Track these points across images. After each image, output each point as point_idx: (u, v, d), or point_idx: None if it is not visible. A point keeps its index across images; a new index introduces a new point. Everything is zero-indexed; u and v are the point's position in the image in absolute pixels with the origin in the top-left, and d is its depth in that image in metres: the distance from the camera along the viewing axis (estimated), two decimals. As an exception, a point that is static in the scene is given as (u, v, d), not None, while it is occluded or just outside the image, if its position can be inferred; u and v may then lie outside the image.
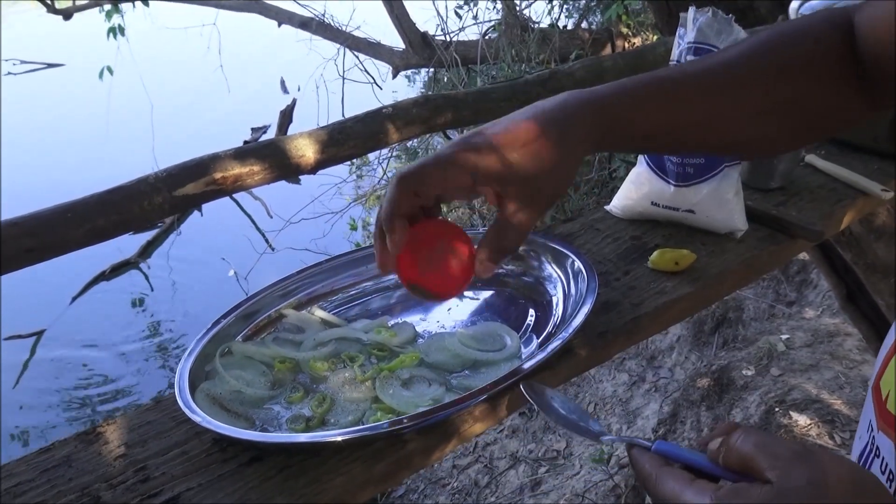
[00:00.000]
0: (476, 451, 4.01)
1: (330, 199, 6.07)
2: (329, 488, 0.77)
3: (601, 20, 6.20)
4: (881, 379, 0.72)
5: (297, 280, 1.05)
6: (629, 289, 1.07)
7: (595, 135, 0.77)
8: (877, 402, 0.72)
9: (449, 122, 1.25)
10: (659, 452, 0.59)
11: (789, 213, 1.23)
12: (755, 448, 0.53)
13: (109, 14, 6.29)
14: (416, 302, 1.07)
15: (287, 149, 1.10)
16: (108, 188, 1.01)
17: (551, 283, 1.05)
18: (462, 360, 0.94)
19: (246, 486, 0.78)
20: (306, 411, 0.87)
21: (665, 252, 1.11)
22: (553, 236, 1.12)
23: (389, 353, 0.96)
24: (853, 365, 3.47)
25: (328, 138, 1.13)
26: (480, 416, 0.86)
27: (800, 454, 0.52)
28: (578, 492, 3.47)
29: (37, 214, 0.95)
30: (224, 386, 0.89)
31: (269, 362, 0.94)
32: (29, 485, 0.79)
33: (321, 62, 6.28)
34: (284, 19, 6.64)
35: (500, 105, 1.31)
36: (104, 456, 0.82)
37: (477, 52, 5.72)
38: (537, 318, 1.01)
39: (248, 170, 1.07)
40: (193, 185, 1.03)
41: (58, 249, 0.96)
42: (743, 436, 0.55)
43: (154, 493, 0.77)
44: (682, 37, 1.17)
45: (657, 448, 0.59)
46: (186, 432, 0.85)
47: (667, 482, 0.56)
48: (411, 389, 0.89)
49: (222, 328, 0.96)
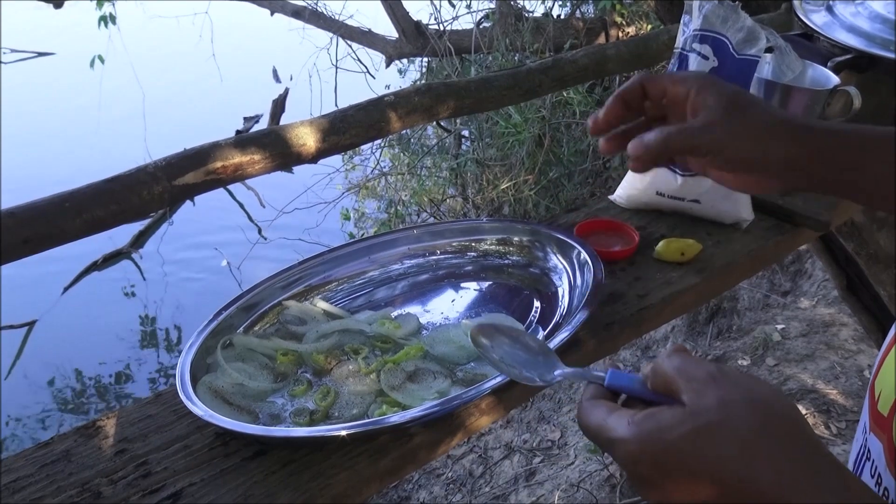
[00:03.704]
0: (471, 441, 4.01)
1: (323, 188, 6.04)
2: (334, 483, 0.76)
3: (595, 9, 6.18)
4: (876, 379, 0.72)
5: (298, 271, 1.04)
6: (635, 279, 1.06)
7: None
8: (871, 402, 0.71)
9: (451, 111, 1.24)
10: (612, 387, 0.59)
11: (795, 202, 1.22)
12: (674, 371, 0.54)
13: (100, 3, 6.24)
14: (420, 293, 1.06)
15: (288, 137, 1.08)
16: (105, 177, 0.99)
17: (556, 274, 1.04)
18: (467, 351, 0.92)
19: (249, 480, 0.76)
20: (310, 405, 0.86)
21: (671, 242, 1.10)
22: (558, 226, 1.11)
23: (393, 345, 0.95)
24: (848, 355, 3.48)
25: (330, 126, 1.12)
26: (487, 408, 0.85)
27: (714, 375, 0.53)
28: (573, 482, 3.47)
29: (33, 204, 0.93)
30: (226, 379, 0.87)
31: (272, 354, 0.93)
32: (28, 480, 0.77)
33: (314, 51, 6.24)
34: (277, 8, 6.60)
35: (502, 93, 1.30)
36: (104, 451, 0.81)
37: (471, 41, 5.70)
38: (542, 310, 1.00)
39: (248, 158, 1.05)
40: (193, 174, 1.01)
41: (55, 240, 0.94)
42: (666, 360, 0.56)
43: (155, 489, 0.76)
44: (686, 24, 1.15)
45: (610, 381, 0.60)
46: (188, 426, 0.83)
47: (592, 412, 0.57)
48: (417, 382, 0.88)
49: (223, 320, 0.94)
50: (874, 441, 0.70)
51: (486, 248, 1.10)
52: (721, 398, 0.52)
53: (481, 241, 1.11)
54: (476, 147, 5.95)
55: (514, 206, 5.39)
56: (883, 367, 0.71)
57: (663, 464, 0.52)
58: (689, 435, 0.51)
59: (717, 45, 1.11)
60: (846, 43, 1.37)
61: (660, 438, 0.52)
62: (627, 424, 0.53)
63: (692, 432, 0.51)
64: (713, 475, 0.50)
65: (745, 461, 0.50)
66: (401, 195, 6.32)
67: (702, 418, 0.51)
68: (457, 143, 6.21)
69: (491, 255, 1.10)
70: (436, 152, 6.27)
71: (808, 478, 0.50)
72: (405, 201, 6.23)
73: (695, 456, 0.51)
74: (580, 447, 3.69)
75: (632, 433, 0.53)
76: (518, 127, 5.13)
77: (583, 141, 5.43)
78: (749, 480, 0.50)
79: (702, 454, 0.50)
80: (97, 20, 6.25)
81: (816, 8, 1.47)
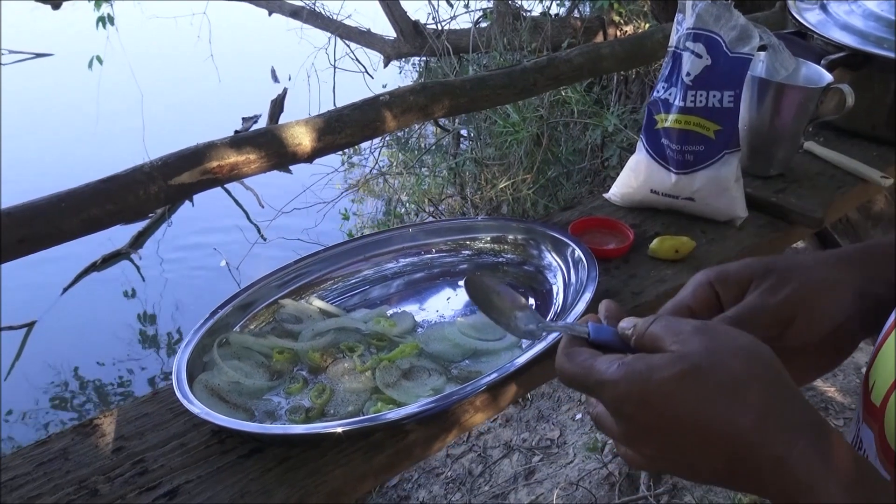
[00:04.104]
0: (470, 440, 4.01)
1: (322, 188, 6.04)
2: (329, 479, 0.77)
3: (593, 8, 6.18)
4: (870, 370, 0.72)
5: (294, 270, 1.04)
6: (629, 277, 1.07)
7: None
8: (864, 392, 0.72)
9: (446, 110, 1.24)
10: (596, 341, 0.60)
11: (789, 200, 1.23)
12: (663, 329, 0.56)
13: (98, 3, 6.23)
14: (416, 291, 1.06)
15: (283, 137, 1.09)
16: (102, 177, 0.99)
17: (551, 272, 1.05)
18: (462, 349, 0.93)
19: (245, 478, 0.77)
20: (306, 402, 0.87)
21: (665, 240, 1.10)
22: (553, 225, 1.11)
23: (389, 342, 0.95)
24: (846, 352, 3.48)
25: (325, 126, 1.12)
26: (482, 406, 0.86)
27: (700, 328, 0.56)
28: (572, 480, 3.47)
29: (30, 204, 0.94)
30: (222, 377, 0.88)
31: (268, 353, 0.93)
32: (25, 478, 0.78)
33: (312, 51, 6.24)
34: (275, 8, 6.60)
35: (497, 92, 1.30)
36: (101, 448, 0.81)
37: (469, 40, 5.70)
38: (537, 307, 1.01)
39: (244, 158, 1.05)
40: (189, 173, 1.01)
41: (52, 239, 0.94)
42: (654, 322, 0.58)
43: (152, 486, 0.76)
44: (680, 23, 1.16)
45: (595, 335, 0.60)
46: (185, 424, 0.84)
47: (575, 357, 0.58)
48: (412, 380, 0.89)
49: (219, 318, 0.95)
50: (866, 431, 0.70)
51: (480, 246, 1.11)
52: (707, 345, 0.54)
53: (476, 239, 1.11)
54: (474, 146, 5.95)
55: (512, 205, 5.38)
56: (877, 359, 0.72)
57: (649, 403, 0.53)
58: (676, 376, 0.53)
59: (711, 43, 1.11)
60: (840, 41, 1.37)
61: (648, 378, 0.53)
62: (617, 366, 0.55)
63: (679, 373, 0.53)
64: (696, 417, 0.52)
65: (728, 404, 0.52)
66: (399, 195, 6.32)
67: (688, 361, 0.53)
68: (455, 142, 6.21)
69: (486, 254, 1.11)
70: (434, 151, 6.27)
71: (789, 425, 0.52)
72: (403, 201, 6.23)
73: (681, 396, 0.53)
74: (579, 446, 3.70)
75: (621, 373, 0.54)
76: (516, 126, 5.13)
77: (581, 140, 5.44)
78: (731, 423, 0.52)
79: (687, 395, 0.53)
80: (95, 21, 6.25)
81: (810, 6, 1.48)
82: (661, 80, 1.18)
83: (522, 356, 0.85)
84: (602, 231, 1.16)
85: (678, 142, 1.15)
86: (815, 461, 0.51)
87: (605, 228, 1.16)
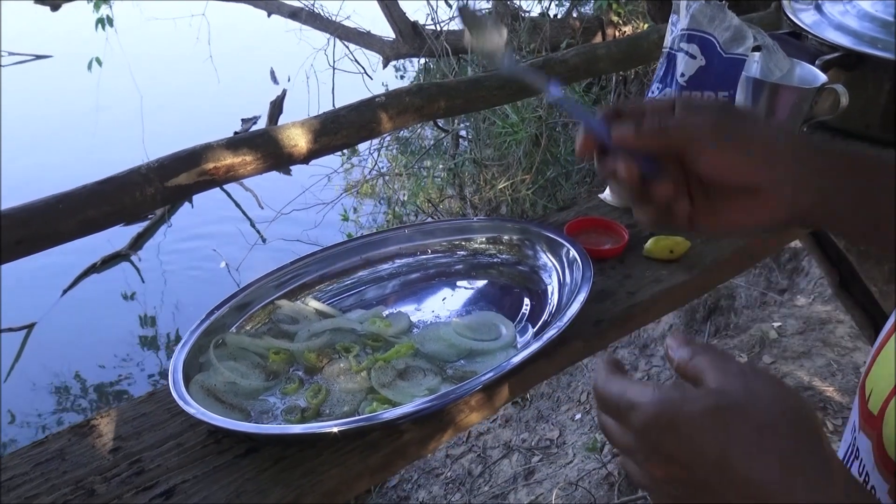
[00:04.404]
0: (469, 440, 4.01)
1: (321, 189, 6.04)
2: (325, 479, 0.77)
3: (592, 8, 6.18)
4: (867, 377, 0.72)
5: (291, 270, 1.05)
6: (624, 277, 1.07)
7: None
8: (861, 400, 0.72)
9: (442, 111, 1.25)
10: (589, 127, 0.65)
11: (783, 200, 1.23)
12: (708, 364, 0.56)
13: (97, 5, 6.23)
14: (412, 292, 1.07)
15: (279, 138, 1.09)
16: (99, 179, 1.00)
17: (546, 272, 1.05)
18: (457, 349, 0.93)
19: (241, 477, 0.77)
20: (301, 402, 0.87)
21: (660, 240, 1.11)
22: (548, 225, 1.12)
23: (384, 343, 0.96)
24: (845, 352, 3.48)
25: (321, 127, 1.13)
26: (476, 405, 0.86)
27: (745, 370, 0.55)
28: (572, 480, 3.48)
29: (27, 206, 0.94)
30: (218, 377, 0.88)
31: (264, 353, 0.94)
32: (23, 478, 0.78)
33: (311, 52, 6.24)
34: (274, 9, 6.59)
35: (492, 93, 1.31)
36: (98, 449, 0.82)
37: (467, 41, 5.69)
38: (532, 308, 1.01)
39: (240, 160, 1.06)
40: (185, 175, 1.02)
41: (49, 241, 0.95)
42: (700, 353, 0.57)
43: (149, 486, 0.77)
44: (674, 24, 1.16)
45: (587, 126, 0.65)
46: (181, 424, 0.84)
47: (614, 381, 0.58)
48: (407, 380, 0.89)
49: (216, 319, 0.95)
50: (863, 440, 0.70)
51: (476, 246, 1.11)
52: (748, 387, 0.53)
53: (472, 239, 1.12)
54: (473, 147, 5.96)
55: (511, 205, 5.39)
56: (874, 366, 0.72)
57: (675, 431, 0.52)
58: (708, 410, 0.52)
59: (705, 44, 1.12)
60: (835, 41, 1.38)
61: (680, 407, 0.52)
62: (652, 390, 0.54)
63: (713, 408, 0.52)
64: (720, 457, 0.51)
65: (755, 452, 0.50)
66: (399, 196, 6.33)
67: (725, 399, 0.52)
68: (454, 143, 6.21)
69: (481, 254, 1.11)
70: (434, 153, 6.27)
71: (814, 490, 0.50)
72: (403, 202, 6.23)
73: (709, 431, 0.51)
74: (578, 446, 3.70)
75: (654, 397, 0.54)
76: (515, 127, 5.13)
77: (580, 140, 5.43)
78: (751, 471, 0.50)
79: (715, 431, 0.51)
80: (94, 22, 6.25)
81: (805, 7, 1.48)
82: (656, 80, 1.18)
83: (517, 356, 0.86)
84: (597, 231, 1.16)
85: (673, 142, 1.15)
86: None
87: (601, 229, 1.17)
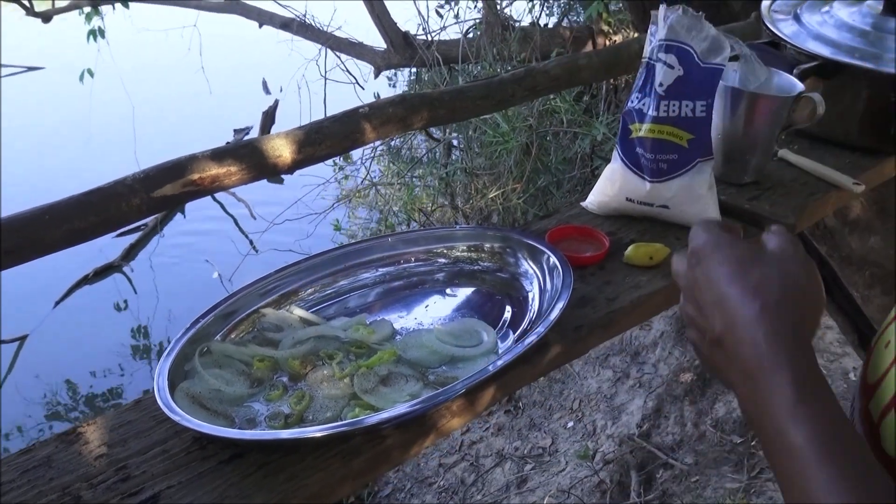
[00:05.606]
0: (462, 449, 4.02)
1: (313, 199, 6.05)
2: (308, 484, 0.78)
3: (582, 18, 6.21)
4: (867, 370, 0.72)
5: (275, 279, 1.06)
6: (604, 283, 1.09)
7: None
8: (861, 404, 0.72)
9: (425, 121, 1.26)
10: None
11: (762, 206, 1.25)
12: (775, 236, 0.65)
13: (89, 17, 6.25)
14: (395, 300, 1.08)
15: (264, 149, 1.11)
16: (85, 190, 1.01)
17: (527, 280, 1.07)
18: (439, 356, 0.95)
19: (225, 483, 0.78)
20: (285, 408, 0.88)
21: (640, 247, 1.12)
22: (529, 233, 1.13)
23: (367, 350, 0.97)
24: (834, 358, 3.50)
25: (305, 138, 1.14)
26: (458, 410, 0.88)
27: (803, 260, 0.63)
28: (564, 488, 3.49)
29: (15, 216, 0.96)
30: (203, 385, 0.89)
31: (248, 361, 0.95)
32: (9, 486, 0.79)
33: (303, 63, 6.25)
34: (265, 20, 6.61)
35: (476, 103, 1.32)
36: (84, 456, 0.83)
37: (458, 51, 5.72)
38: (514, 314, 1.03)
39: (225, 170, 1.07)
40: (171, 185, 1.03)
41: (37, 251, 0.96)
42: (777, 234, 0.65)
43: (134, 492, 0.78)
44: (653, 34, 1.18)
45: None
46: (166, 431, 0.85)
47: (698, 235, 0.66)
48: (389, 386, 0.91)
49: (201, 327, 0.97)
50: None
51: (457, 254, 1.13)
52: (780, 244, 0.63)
53: (453, 247, 1.13)
54: (464, 156, 5.97)
55: (502, 214, 5.40)
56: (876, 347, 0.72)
57: (699, 257, 0.63)
58: (731, 244, 0.62)
59: (682, 54, 1.14)
60: (813, 51, 1.40)
61: (714, 244, 0.63)
62: (708, 235, 0.64)
63: (737, 248, 0.62)
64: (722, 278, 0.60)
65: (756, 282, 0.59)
66: (391, 205, 6.34)
67: (754, 245, 0.63)
68: (446, 152, 6.23)
69: (463, 262, 1.13)
70: (425, 162, 6.28)
71: (787, 329, 0.57)
72: (395, 211, 6.24)
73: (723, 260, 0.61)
74: (571, 454, 3.71)
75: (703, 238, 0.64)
76: (506, 136, 5.15)
77: (570, 149, 5.45)
78: (746, 294, 0.59)
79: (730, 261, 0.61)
80: (86, 34, 6.27)
81: (784, 17, 1.50)
82: (636, 90, 1.20)
83: (498, 361, 0.87)
84: (579, 239, 1.18)
85: (652, 151, 1.17)
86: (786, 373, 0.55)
87: (582, 236, 1.18)
